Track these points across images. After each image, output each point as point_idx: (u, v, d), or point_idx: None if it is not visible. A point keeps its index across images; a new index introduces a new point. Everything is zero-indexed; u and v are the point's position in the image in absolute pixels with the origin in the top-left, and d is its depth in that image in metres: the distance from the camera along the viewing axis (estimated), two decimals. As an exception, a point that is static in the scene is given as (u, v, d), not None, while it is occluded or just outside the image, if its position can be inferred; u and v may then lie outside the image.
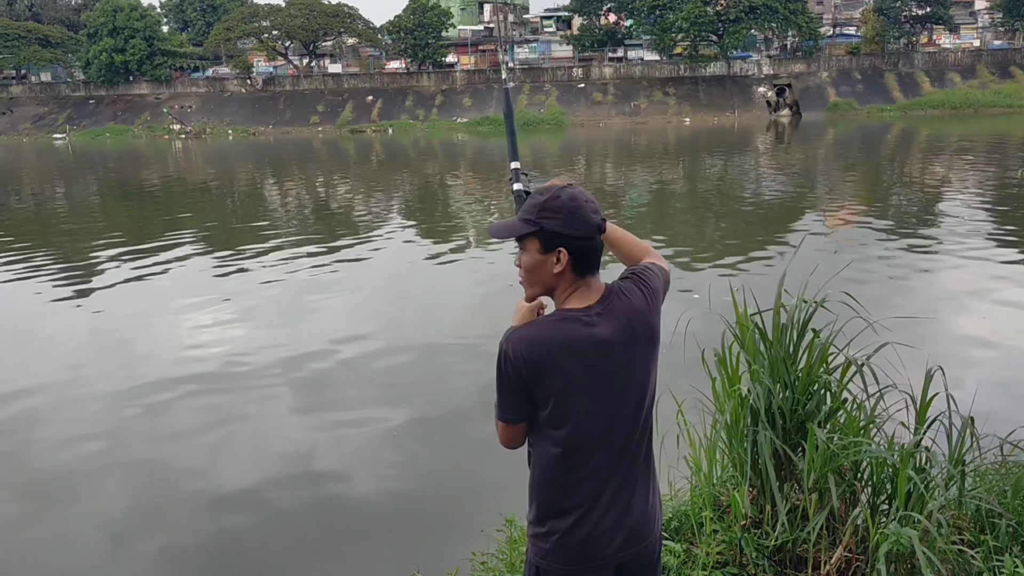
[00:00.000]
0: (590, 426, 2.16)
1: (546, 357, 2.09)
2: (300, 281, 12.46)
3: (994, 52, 58.24)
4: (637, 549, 2.28)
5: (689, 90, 59.63)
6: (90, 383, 8.30)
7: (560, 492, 2.21)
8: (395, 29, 64.02)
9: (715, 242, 15.03)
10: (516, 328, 2.16)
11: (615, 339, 2.14)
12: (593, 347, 2.11)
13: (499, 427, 2.24)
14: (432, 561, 4.55)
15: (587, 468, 2.19)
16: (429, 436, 6.78)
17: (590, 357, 2.11)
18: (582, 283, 2.17)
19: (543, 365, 2.09)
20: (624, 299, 2.19)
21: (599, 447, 2.18)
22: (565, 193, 2.13)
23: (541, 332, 2.12)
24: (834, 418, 3.68)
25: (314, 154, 43.32)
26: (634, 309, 2.18)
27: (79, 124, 65.53)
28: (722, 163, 30.06)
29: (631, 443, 2.23)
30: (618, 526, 2.22)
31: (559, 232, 2.11)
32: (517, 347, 2.10)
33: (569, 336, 2.11)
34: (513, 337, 2.13)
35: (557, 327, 2.13)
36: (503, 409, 2.20)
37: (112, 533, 5.49)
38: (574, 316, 2.13)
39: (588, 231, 2.12)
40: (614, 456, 2.20)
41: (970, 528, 3.47)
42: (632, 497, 2.25)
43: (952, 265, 11.64)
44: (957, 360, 7.45)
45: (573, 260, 2.13)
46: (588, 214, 2.12)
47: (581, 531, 2.20)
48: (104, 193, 28.49)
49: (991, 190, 20.33)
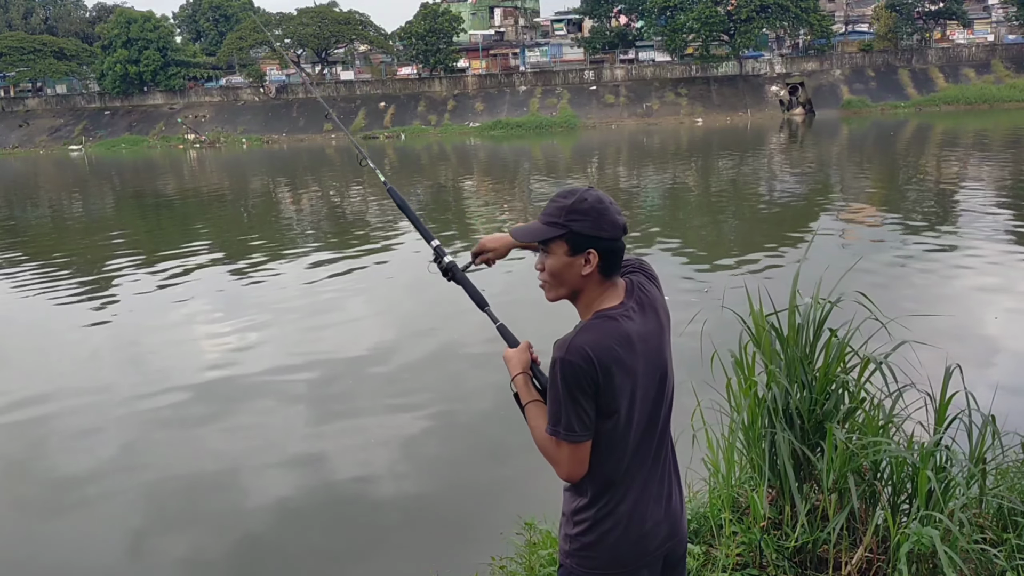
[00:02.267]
0: (641, 419, 2.20)
1: (612, 356, 2.09)
2: (316, 289, 12.50)
3: (1009, 46, 57.73)
4: (678, 539, 2.34)
5: (701, 90, 59.47)
6: (109, 391, 8.35)
7: (612, 492, 2.21)
8: (406, 35, 64.21)
9: (730, 242, 14.98)
10: (570, 336, 2.13)
11: (651, 330, 2.22)
12: (641, 340, 2.17)
13: (563, 454, 2.14)
14: (451, 565, 4.56)
15: (636, 462, 2.22)
16: (447, 441, 6.79)
17: (641, 351, 2.16)
18: (609, 283, 2.20)
19: (611, 364, 2.08)
20: (646, 292, 2.26)
21: (644, 439, 2.23)
22: (591, 195, 2.15)
23: (599, 335, 2.11)
24: (852, 418, 3.66)
25: (328, 161, 43.49)
26: (655, 299, 2.27)
27: (95, 135, 66.05)
28: (736, 163, 29.95)
29: (667, 434, 2.31)
30: (664, 515, 2.27)
31: (588, 234, 2.12)
32: (583, 351, 2.07)
33: (623, 332, 2.14)
34: (572, 346, 2.08)
35: (611, 325, 2.13)
36: (569, 427, 2.10)
37: (132, 539, 5.53)
38: (616, 314, 2.16)
39: (615, 232, 2.15)
40: (655, 446, 2.26)
41: (992, 527, 3.44)
42: (671, 486, 2.32)
43: (969, 263, 11.55)
44: (976, 358, 7.39)
45: (602, 261, 2.15)
46: (614, 215, 2.15)
47: (635, 529, 2.22)
48: (120, 204, 28.70)
49: (1008, 186, 20.16)
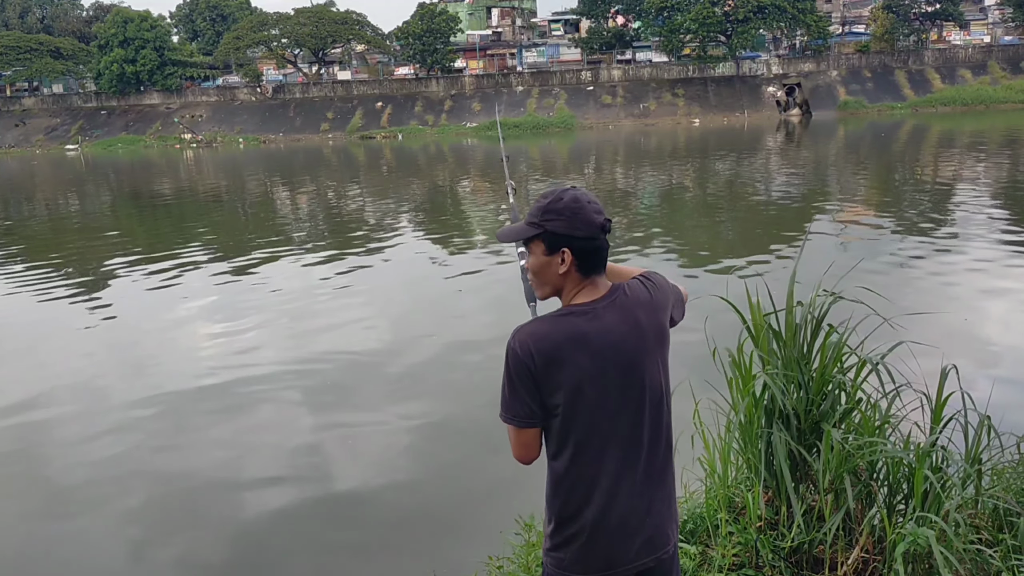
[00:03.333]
0: (600, 420, 2.17)
1: (555, 350, 2.12)
2: (312, 287, 12.50)
3: (1005, 48, 57.93)
4: (658, 555, 2.26)
5: (698, 91, 59.57)
6: (105, 391, 8.34)
7: (576, 493, 2.20)
8: (403, 35, 64.27)
9: (728, 242, 14.99)
10: (523, 325, 2.18)
11: (622, 332, 2.17)
12: (600, 340, 2.14)
13: (511, 436, 2.23)
14: (449, 564, 4.57)
15: (600, 465, 2.18)
16: (445, 440, 6.79)
17: (598, 350, 2.14)
18: (588, 282, 2.21)
19: (552, 358, 2.11)
20: (630, 294, 2.23)
21: (609, 442, 2.18)
22: (567, 195, 2.17)
23: (549, 326, 2.15)
24: (849, 418, 3.66)
25: (325, 161, 43.47)
26: (640, 304, 2.22)
27: (91, 135, 66.00)
28: (733, 163, 29.99)
29: (643, 440, 2.22)
30: (639, 529, 2.21)
31: (562, 233, 2.15)
32: (525, 342, 2.13)
33: (577, 329, 2.14)
34: (520, 333, 2.15)
35: (564, 321, 2.16)
36: (511, 410, 2.19)
37: (130, 539, 5.52)
38: (580, 310, 2.17)
39: (591, 231, 2.15)
40: (626, 452, 2.20)
41: (988, 527, 3.45)
42: (651, 499, 2.23)
43: (965, 263, 11.57)
44: (972, 358, 7.41)
45: (577, 260, 2.17)
46: (590, 214, 2.15)
47: (601, 535, 2.19)
48: (117, 203, 28.66)
49: (1004, 187, 20.21)
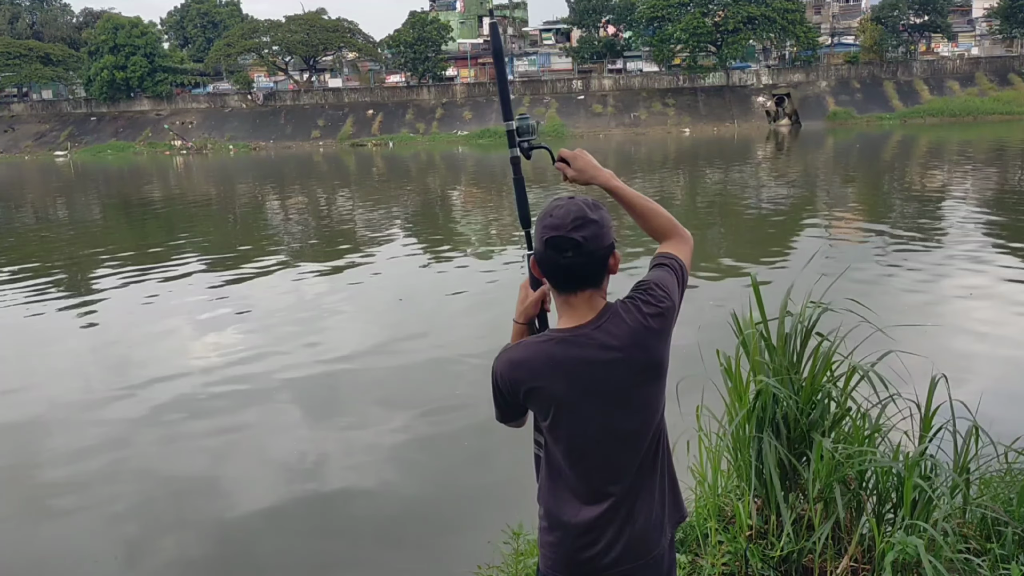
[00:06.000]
0: (582, 444, 2.14)
1: (529, 378, 2.10)
2: (303, 294, 12.48)
3: (992, 60, 58.43)
4: (638, 564, 2.23)
5: (688, 101, 59.82)
6: (96, 396, 8.29)
7: (560, 502, 2.21)
8: (395, 43, 64.39)
9: (719, 251, 15.03)
10: (505, 349, 2.19)
11: (604, 360, 2.09)
12: (580, 368, 2.09)
13: None
14: (438, 573, 4.55)
15: (582, 483, 2.18)
16: (434, 447, 6.77)
17: (575, 378, 2.09)
18: (562, 300, 2.14)
19: (528, 385, 2.11)
20: (620, 321, 2.11)
21: (593, 465, 2.16)
22: (554, 204, 2.11)
23: (526, 354, 2.13)
24: (839, 427, 3.67)
25: (315, 168, 43.42)
26: (630, 332, 2.10)
27: (81, 141, 65.78)
28: (723, 173, 30.10)
29: (630, 464, 2.18)
30: (617, 538, 2.19)
31: (535, 241, 2.14)
32: (503, 369, 2.15)
33: (553, 358, 2.09)
34: (501, 359, 2.16)
35: (542, 349, 2.11)
36: (502, 415, 2.29)
37: (120, 543, 5.48)
38: (561, 337, 2.11)
39: (539, 245, 2.09)
40: (611, 474, 2.17)
41: (976, 536, 3.46)
42: (633, 512, 2.20)
43: (955, 273, 11.63)
44: (962, 368, 7.43)
45: (543, 270, 2.13)
46: (540, 228, 2.08)
47: (580, 541, 2.19)
48: (107, 210, 28.55)
49: (992, 198, 20.34)
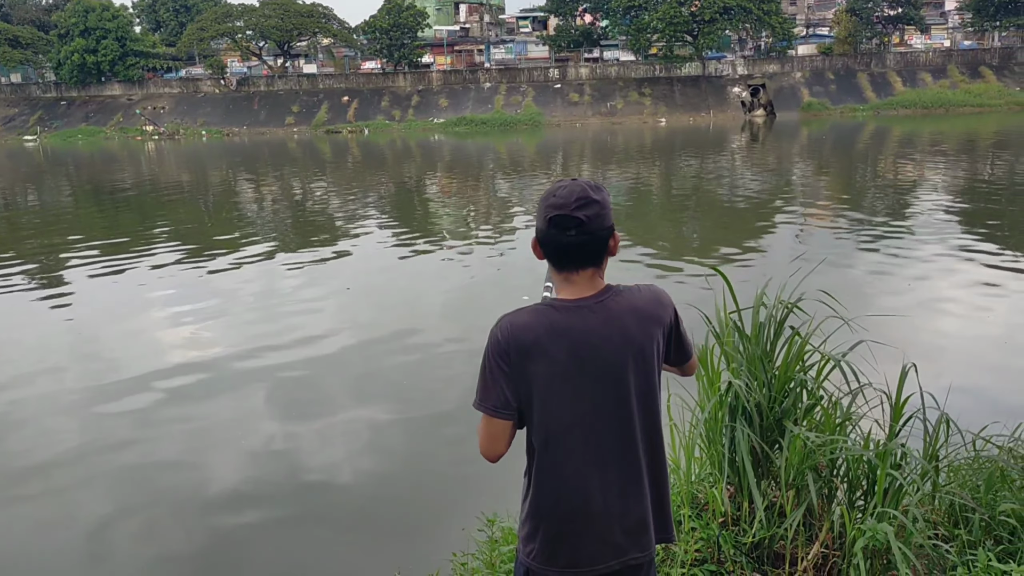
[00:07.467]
0: (572, 419, 2.15)
1: (533, 341, 2.11)
2: (276, 281, 12.39)
3: (964, 52, 59.04)
4: (627, 559, 2.22)
5: (665, 90, 59.93)
6: (66, 386, 8.20)
7: (545, 488, 2.20)
8: (370, 29, 63.87)
9: (694, 240, 15.12)
10: (508, 313, 2.19)
11: (604, 334, 2.13)
12: (580, 338, 2.12)
13: (481, 427, 2.20)
14: (413, 561, 4.55)
15: (571, 464, 2.16)
16: (409, 435, 6.77)
17: (576, 347, 2.12)
18: (561, 277, 2.19)
19: (529, 348, 2.11)
20: (622, 298, 2.18)
21: (581, 443, 2.16)
22: (555, 185, 2.17)
23: (530, 318, 2.15)
24: (811, 415, 3.72)
25: (290, 155, 43.07)
26: (633, 307, 2.17)
27: (51, 126, 64.76)
28: (698, 163, 30.22)
29: (620, 444, 2.18)
30: (606, 533, 2.18)
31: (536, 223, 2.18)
32: (505, 331, 2.14)
33: (558, 323, 2.13)
34: (503, 321, 2.17)
35: (547, 313, 2.15)
36: (486, 398, 2.16)
37: (89, 530, 5.44)
38: (563, 305, 2.16)
39: (542, 223, 2.15)
40: (601, 454, 2.17)
41: (944, 523, 3.52)
42: (624, 502, 2.19)
43: (926, 263, 11.78)
44: (931, 357, 7.55)
45: (544, 252, 2.18)
46: (544, 208, 2.14)
47: (567, 533, 2.18)
48: (77, 195, 28.16)
49: (962, 188, 20.58)
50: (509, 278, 11.91)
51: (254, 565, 5.08)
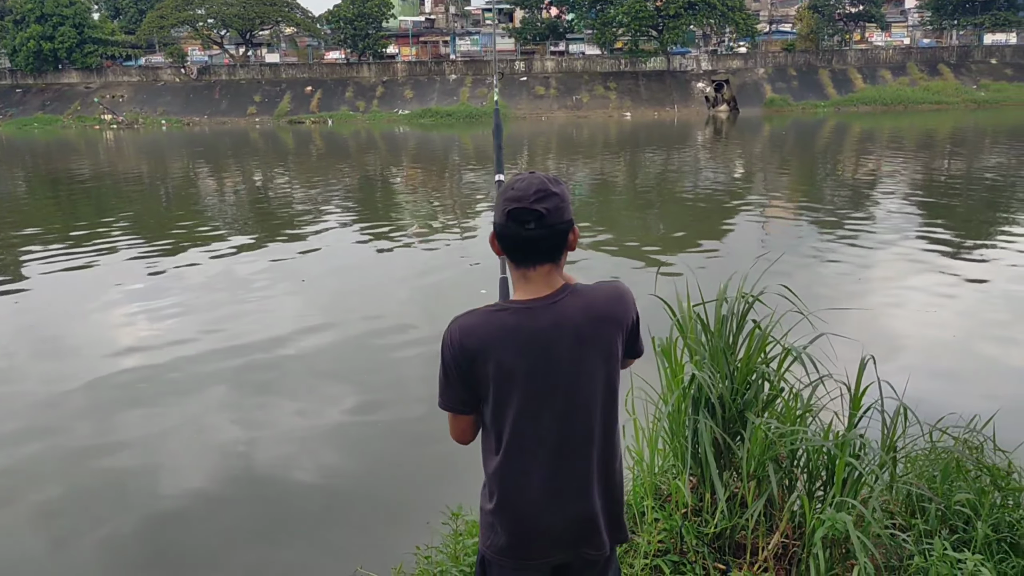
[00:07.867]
0: (526, 419, 2.15)
1: (480, 345, 2.10)
2: (238, 273, 12.24)
3: (923, 50, 60.06)
4: (580, 551, 2.25)
5: (630, 85, 60.17)
6: (21, 380, 8.04)
7: (501, 481, 2.21)
8: (334, 19, 63.27)
9: (657, 234, 15.20)
10: (458, 316, 2.17)
11: (554, 335, 2.11)
12: (530, 339, 2.10)
13: (449, 419, 2.26)
14: (376, 555, 4.52)
15: (527, 462, 2.18)
16: (372, 428, 6.73)
17: (525, 349, 2.10)
18: (519, 274, 2.16)
19: (477, 352, 2.10)
20: (578, 296, 2.15)
21: (538, 442, 2.16)
22: (513, 178, 2.14)
23: (478, 320, 2.14)
24: (772, 407, 3.76)
25: (251, 145, 42.55)
26: (587, 307, 2.14)
27: (5, 114, 63.31)
28: (663, 157, 30.39)
29: (570, 445, 2.18)
30: (559, 523, 2.20)
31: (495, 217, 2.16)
32: (455, 334, 2.13)
33: (506, 325, 2.11)
34: (453, 325, 2.15)
35: (495, 316, 2.13)
36: (445, 398, 2.21)
37: (49, 530, 5.34)
38: (515, 307, 2.13)
39: (500, 217, 2.11)
40: (556, 453, 2.17)
41: (902, 512, 3.57)
42: (577, 497, 2.21)
43: (884, 257, 11.97)
44: (890, 349, 7.68)
45: (502, 246, 2.15)
46: (503, 201, 2.11)
47: (522, 524, 2.20)
48: (32, 185, 27.58)
49: (920, 183, 20.95)
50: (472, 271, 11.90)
51: (214, 560, 5.01)
